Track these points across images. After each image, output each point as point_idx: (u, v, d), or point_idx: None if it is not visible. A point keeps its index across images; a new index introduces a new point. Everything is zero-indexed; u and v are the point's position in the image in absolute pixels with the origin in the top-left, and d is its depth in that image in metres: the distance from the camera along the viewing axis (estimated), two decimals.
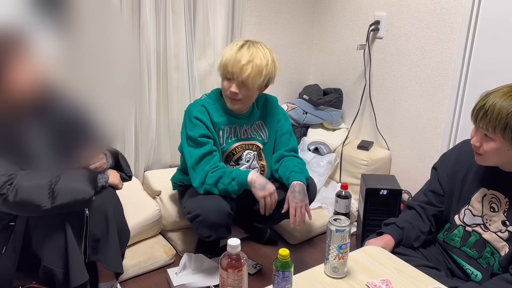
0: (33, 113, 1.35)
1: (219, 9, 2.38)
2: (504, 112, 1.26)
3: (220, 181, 1.77)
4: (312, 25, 2.91)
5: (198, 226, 1.79)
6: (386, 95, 2.56)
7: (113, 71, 1.35)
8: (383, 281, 1.25)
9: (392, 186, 2.06)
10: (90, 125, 1.34)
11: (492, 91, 1.32)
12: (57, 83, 1.25)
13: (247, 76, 1.72)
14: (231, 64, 1.73)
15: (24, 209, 1.39)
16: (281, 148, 1.99)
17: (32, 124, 1.41)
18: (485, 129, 1.30)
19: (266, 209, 1.77)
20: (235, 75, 1.73)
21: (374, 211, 2.09)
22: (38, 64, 1.18)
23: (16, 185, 1.34)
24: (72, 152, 1.47)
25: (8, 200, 1.34)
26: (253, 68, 1.72)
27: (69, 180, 1.41)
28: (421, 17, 2.29)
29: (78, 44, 1.26)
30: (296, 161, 1.94)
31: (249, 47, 1.75)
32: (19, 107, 1.26)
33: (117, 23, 1.67)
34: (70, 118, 1.36)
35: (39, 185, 1.37)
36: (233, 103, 1.81)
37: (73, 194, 1.40)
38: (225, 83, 1.78)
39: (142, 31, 2.18)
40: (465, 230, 1.47)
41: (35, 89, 1.22)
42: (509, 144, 1.29)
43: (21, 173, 1.38)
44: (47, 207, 1.37)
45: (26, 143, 1.42)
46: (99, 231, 1.54)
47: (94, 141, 1.43)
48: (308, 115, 2.73)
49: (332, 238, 1.24)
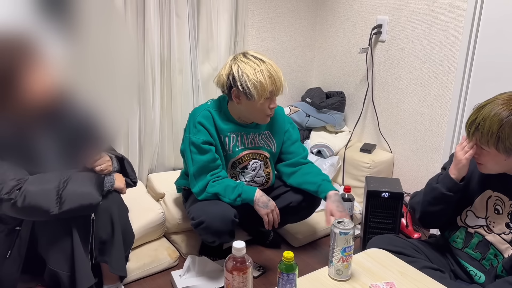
0: (44, 118, 1.36)
1: (222, 13, 2.40)
2: (494, 126, 1.27)
3: (225, 195, 1.79)
4: (314, 28, 2.92)
5: (202, 233, 1.81)
6: (388, 98, 2.57)
7: (116, 73, 1.37)
8: (386, 283, 1.26)
9: (394, 189, 2.06)
10: (96, 128, 1.36)
11: (484, 104, 1.33)
12: (67, 88, 1.27)
13: (284, 86, 1.79)
14: (272, 83, 1.73)
15: (32, 214, 1.40)
16: (295, 156, 2.00)
17: (42, 128, 1.42)
18: (479, 142, 1.32)
19: (269, 225, 1.81)
20: (279, 91, 1.78)
21: (375, 213, 2.10)
22: (50, 70, 1.20)
23: (24, 190, 1.35)
24: (80, 154, 1.49)
25: (16, 205, 1.35)
26: (282, 76, 1.78)
27: (77, 186, 1.42)
28: (423, 21, 2.30)
29: (83, 48, 1.28)
30: (319, 169, 1.99)
31: (262, 60, 1.76)
32: (32, 112, 1.28)
33: (121, 27, 1.69)
34: (78, 122, 1.38)
35: (47, 190, 1.38)
36: (270, 118, 1.85)
37: (81, 200, 1.41)
38: (266, 103, 1.77)
39: (146, 34, 2.19)
40: (467, 231, 1.47)
41: (48, 95, 1.24)
42: (505, 155, 1.30)
43: (29, 178, 1.38)
44: (55, 213, 1.38)
45: (36, 147, 1.43)
46: (105, 233, 1.54)
47: (100, 142, 1.45)
48: (311, 118, 2.74)
49: (336, 240, 1.24)
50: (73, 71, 1.24)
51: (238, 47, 2.51)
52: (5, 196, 1.34)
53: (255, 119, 1.85)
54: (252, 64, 1.73)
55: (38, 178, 1.40)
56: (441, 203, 1.48)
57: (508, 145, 1.27)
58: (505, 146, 1.28)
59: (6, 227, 1.50)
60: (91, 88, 1.36)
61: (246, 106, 1.79)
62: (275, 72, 1.75)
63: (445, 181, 1.45)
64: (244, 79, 1.71)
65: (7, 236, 1.50)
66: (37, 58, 1.17)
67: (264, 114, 1.80)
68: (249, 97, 1.74)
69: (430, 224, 1.62)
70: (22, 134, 1.37)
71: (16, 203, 1.34)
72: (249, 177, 1.95)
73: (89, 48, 1.30)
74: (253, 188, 1.82)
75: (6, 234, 1.50)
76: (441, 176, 1.49)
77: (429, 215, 1.53)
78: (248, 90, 1.71)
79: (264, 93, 1.73)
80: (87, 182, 1.45)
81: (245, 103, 1.77)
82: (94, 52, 1.31)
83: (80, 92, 1.29)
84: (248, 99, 1.75)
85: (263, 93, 1.72)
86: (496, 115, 1.27)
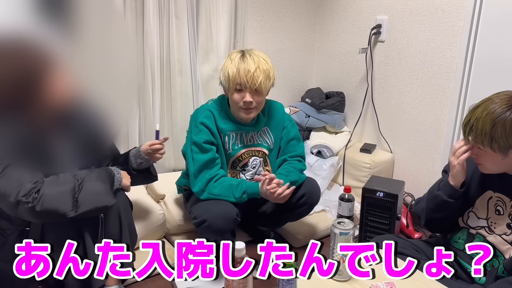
0: (62, 120, 1.38)
1: (221, 14, 2.40)
2: (487, 126, 1.27)
3: (229, 195, 1.80)
4: (314, 29, 2.92)
5: (204, 231, 1.81)
6: (388, 98, 2.57)
7: (116, 74, 1.38)
8: (387, 283, 1.26)
9: (391, 190, 2.05)
10: (105, 127, 1.39)
11: (479, 104, 1.34)
12: (81, 91, 1.29)
13: (260, 82, 1.77)
14: (241, 75, 1.76)
15: (49, 217, 1.41)
16: (286, 153, 2.01)
17: (59, 131, 1.44)
18: (475, 142, 1.33)
19: (284, 199, 1.81)
20: (248, 84, 1.76)
21: (370, 212, 2.11)
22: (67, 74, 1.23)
23: (42, 195, 1.35)
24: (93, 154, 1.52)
25: (35, 209, 1.35)
26: (262, 73, 1.77)
27: (92, 188, 1.44)
28: (423, 21, 2.30)
29: (84, 50, 1.29)
30: (289, 164, 1.97)
31: (249, 55, 1.80)
32: (51, 116, 1.30)
33: (121, 29, 1.70)
34: (91, 123, 1.40)
35: (63, 193, 1.39)
36: (248, 113, 1.84)
37: (96, 202, 1.44)
38: (236, 95, 1.80)
39: (146, 36, 2.20)
40: (469, 232, 1.47)
41: (64, 98, 1.26)
42: (501, 154, 1.30)
43: (45, 182, 1.39)
44: (71, 216, 1.39)
45: (53, 150, 1.45)
46: (114, 232, 1.56)
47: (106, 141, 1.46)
48: (311, 118, 2.74)
49: (336, 241, 1.25)
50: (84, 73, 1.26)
51: (238, 48, 2.51)
52: (22, 199, 1.33)
53: (235, 111, 1.87)
54: (233, 56, 1.81)
55: (53, 180, 1.40)
56: (444, 210, 1.49)
57: (502, 144, 1.27)
58: (499, 145, 1.28)
59: (17, 228, 1.50)
60: (93, 89, 1.38)
61: (229, 99, 1.87)
62: (247, 65, 1.76)
63: (446, 189, 1.47)
64: (221, 71, 1.84)
65: (17, 237, 1.50)
66: (53, 62, 1.20)
67: (237, 106, 1.82)
68: (225, 89, 1.84)
69: (438, 230, 1.63)
70: (39, 137, 1.39)
71: (35, 207, 1.34)
72: (249, 175, 1.96)
73: (90, 50, 1.31)
74: (255, 183, 1.83)
75: (16, 236, 1.50)
76: (442, 183, 1.50)
77: (435, 221, 1.54)
78: (222, 80, 1.84)
79: (232, 84, 1.78)
80: (101, 183, 1.47)
81: (228, 95, 1.86)
82: (94, 54, 1.32)
83: (88, 93, 1.32)
84: (225, 90, 1.85)
85: (231, 84, 1.78)
86: (489, 115, 1.28)
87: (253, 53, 1.82)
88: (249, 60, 1.77)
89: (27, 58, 1.17)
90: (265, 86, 1.80)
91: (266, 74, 1.79)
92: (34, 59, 1.18)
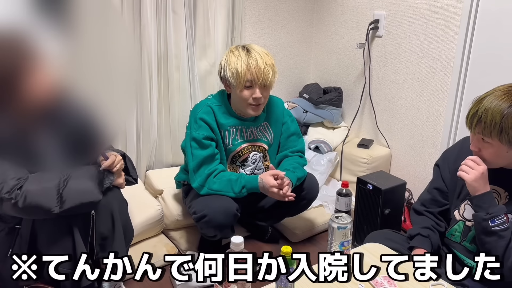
0: (45, 116, 1.36)
1: (219, 9, 2.39)
2: (497, 116, 1.27)
3: (228, 190, 1.80)
4: (311, 24, 2.92)
5: (204, 226, 1.81)
6: (385, 94, 2.57)
7: (113, 71, 1.37)
8: (385, 277, 1.26)
9: (378, 183, 2.06)
10: (96, 126, 1.36)
11: (484, 96, 1.33)
12: (67, 87, 1.27)
13: (270, 77, 1.77)
14: (252, 71, 1.74)
15: (33, 213, 1.40)
16: (287, 149, 2.01)
17: (43, 127, 1.42)
18: (482, 134, 1.32)
19: (287, 195, 1.78)
20: (259, 81, 1.76)
21: (362, 203, 2.13)
22: (49, 69, 1.21)
23: (25, 190, 1.35)
24: (81, 153, 1.49)
25: (17, 205, 1.34)
26: (270, 68, 1.78)
27: (77, 184, 1.42)
28: (420, 16, 2.30)
29: (80, 45, 1.28)
30: (293, 160, 1.97)
31: (253, 50, 1.79)
32: (32, 112, 1.28)
33: (118, 24, 1.68)
34: (78, 120, 1.37)
35: (47, 189, 1.37)
36: (258, 109, 1.84)
37: (81, 198, 1.41)
38: (246, 92, 1.79)
39: (143, 31, 2.19)
40: (465, 225, 1.48)
41: (48, 94, 1.24)
42: (507, 146, 1.30)
43: (29, 178, 1.38)
44: (56, 212, 1.38)
45: (37, 146, 1.43)
46: (106, 229, 1.55)
47: (100, 141, 1.45)
48: (308, 114, 2.74)
49: (334, 235, 1.25)
50: (72, 69, 1.24)
51: (235, 43, 2.51)
52: (5, 196, 1.33)
53: (242, 108, 1.86)
54: (237, 53, 1.78)
55: (37, 177, 1.40)
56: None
57: (511, 135, 1.28)
58: (508, 137, 1.28)
59: (6, 225, 1.50)
60: (89, 86, 1.36)
61: (233, 95, 1.85)
62: (256, 62, 1.75)
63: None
64: (226, 67, 1.79)
65: (7, 235, 1.50)
66: (36, 57, 1.17)
67: (246, 103, 1.81)
68: (231, 86, 1.80)
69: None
70: (23, 133, 1.37)
71: (17, 203, 1.34)
72: (249, 170, 1.96)
73: (86, 45, 1.29)
74: (254, 177, 1.83)
75: (6, 233, 1.50)
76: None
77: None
78: (228, 77, 1.78)
79: (241, 81, 1.76)
80: (87, 180, 1.45)
81: (232, 91, 1.83)
82: (91, 49, 1.31)
83: (79, 90, 1.30)
84: (232, 87, 1.81)
85: (241, 81, 1.76)
86: (498, 106, 1.27)
87: (255, 48, 1.81)
88: (256, 56, 1.76)
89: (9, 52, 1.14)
90: (274, 81, 1.81)
91: (273, 69, 1.80)
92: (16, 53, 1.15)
